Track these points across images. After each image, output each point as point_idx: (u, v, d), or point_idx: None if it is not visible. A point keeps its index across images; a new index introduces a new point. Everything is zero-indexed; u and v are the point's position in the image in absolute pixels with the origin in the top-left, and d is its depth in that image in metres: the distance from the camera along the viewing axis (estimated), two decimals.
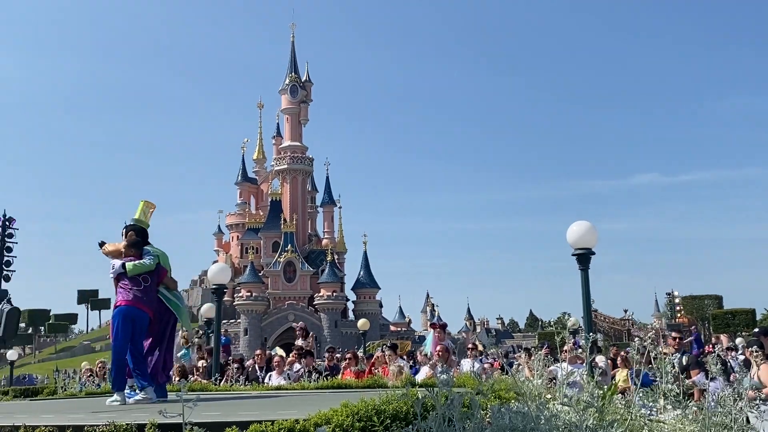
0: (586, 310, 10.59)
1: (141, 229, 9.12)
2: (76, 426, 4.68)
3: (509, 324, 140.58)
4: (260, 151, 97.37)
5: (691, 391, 8.19)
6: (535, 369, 5.21)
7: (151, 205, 9.47)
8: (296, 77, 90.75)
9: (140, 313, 8.56)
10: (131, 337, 8.48)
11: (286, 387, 11.25)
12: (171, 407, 4.03)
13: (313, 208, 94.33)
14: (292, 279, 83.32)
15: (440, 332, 15.15)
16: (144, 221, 9.30)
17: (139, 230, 9.08)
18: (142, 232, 9.10)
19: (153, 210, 9.51)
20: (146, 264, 8.70)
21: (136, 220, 9.22)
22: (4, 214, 31.05)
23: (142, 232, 9.12)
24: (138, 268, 8.64)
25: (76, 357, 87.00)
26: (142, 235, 9.06)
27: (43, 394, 12.69)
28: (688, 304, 67.83)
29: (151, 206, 9.47)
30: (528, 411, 3.62)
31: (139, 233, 9.05)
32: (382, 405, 4.47)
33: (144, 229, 9.18)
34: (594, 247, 10.62)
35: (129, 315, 8.50)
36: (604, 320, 66.90)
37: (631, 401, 4.36)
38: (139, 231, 9.07)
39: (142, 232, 9.11)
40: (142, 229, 9.16)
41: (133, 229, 9.08)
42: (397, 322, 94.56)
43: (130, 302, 8.52)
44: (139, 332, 8.63)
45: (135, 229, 9.08)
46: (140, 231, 9.08)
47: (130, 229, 9.07)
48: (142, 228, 9.18)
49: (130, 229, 9.07)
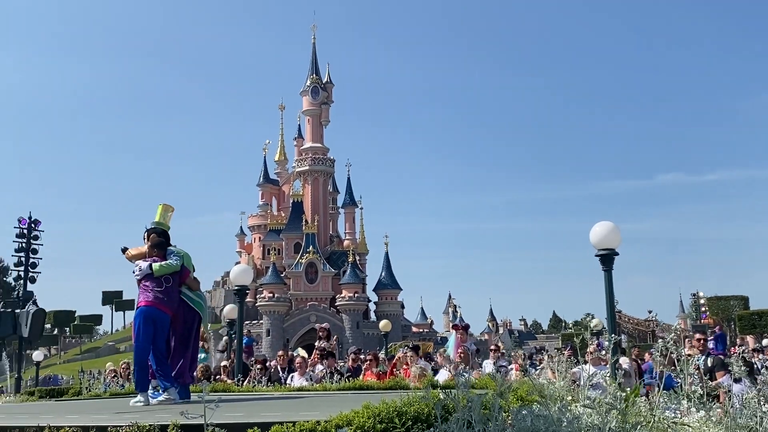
0: (610, 311, 10.50)
1: (163, 231, 9.19)
2: (100, 426, 4.71)
3: (532, 325, 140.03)
4: (282, 153, 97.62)
5: (716, 393, 8.09)
6: (557, 371, 5.18)
7: (169, 207, 9.53)
8: (317, 79, 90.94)
9: (161, 314, 8.61)
10: (153, 338, 8.53)
11: (308, 388, 11.27)
12: (193, 408, 4.05)
13: (335, 209, 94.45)
14: (313, 280, 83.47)
15: (462, 334, 15.10)
16: (164, 224, 9.36)
17: (161, 232, 9.15)
18: (164, 233, 9.18)
19: (172, 212, 9.58)
20: (172, 264, 8.76)
21: (157, 223, 9.28)
22: (30, 216, 31.36)
23: (164, 233, 9.19)
24: (164, 268, 8.70)
25: (101, 358, 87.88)
26: (164, 237, 9.13)
27: (68, 394, 12.79)
28: (714, 305, 67.02)
29: (169, 209, 9.53)
30: (550, 413, 3.60)
31: (161, 235, 9.12)
32: (403, 407, 4.46)
33: (164, 232, 9.24)
34: (617, 248, 10.53)
35: (150, 316, 8.56)
36: (628, 321, 66.39)
37: (654, 403, 4.32)
38: (161, 233, 9.14)
39: (164, 234, 9.18)
40: (164, 230, 9.23)
41: (154, 231, 9.15)
42: (419, 323, 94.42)
43: (151, 303, 8.57)
44: (161, 333, 8.66)
45: (156, 231, 9.15)
46: (162, 233, 9.16)
47: (152, 232, 9.15)
48: (164, 230, 9.25)
49: (152, 232, 9.15)
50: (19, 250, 31.09)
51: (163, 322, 8.66)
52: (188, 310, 8.96)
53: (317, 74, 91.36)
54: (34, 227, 31.29)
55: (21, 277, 31.47)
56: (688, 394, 4.46)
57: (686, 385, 4.61)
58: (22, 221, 31.18)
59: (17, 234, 31.06)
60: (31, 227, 31.22)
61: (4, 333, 26.18)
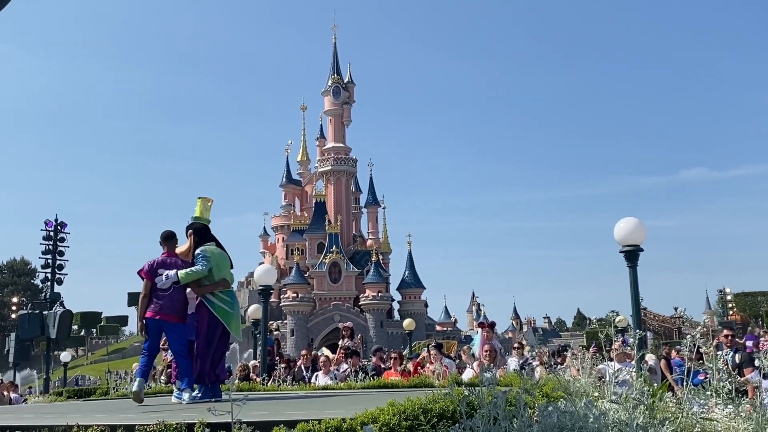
0: (635, 307, 10.42)
1: (200, 228, 9.01)
2: (127, 425, 4.74)
3: (556, 323, 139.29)
4: (304, 153, 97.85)
5: (744, 388, 8.00)
6: (581, 368, 5.15)
7: (208, 200, 9.30)
8: (339, 79, 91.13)
9: (165, 323, 8.52)
10: (167, 346, 8.46)
11: (333, 387, 11.28)
12: (221, 406, 4.07)
13: (358, 209, 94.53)
14: (337, 280, 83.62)
15: (488, 331, 15.03)
16: (204, 217, 9.17)
17: (198, 229, 8.97)
18: (201, 230, 8.98)
19: (211, 203, 9.33)
20: (198, 271, 8.53)
21: (196, 218, 9.11)
22: (56, 219, 31.70)
23: (202, 230, 8.99)
24: (190, 276, 8.51)
25: (128, 359, 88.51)
26: (200, 235, 8.93)
27: (95, 394, 12.91)
28: (741, 301, 66.35)
29: (208, 201, 9.29)
30: (576, 409, 3.57)
31: (198, 232, 8.94)
32: (428, 404, 4.46)
33: (204, 226, 9.05)
34: (642, 244, 10.45)
35: (153, 329, 8.55)
36: (653, 318, 65.80)
37: (682, 399, 4.27)
38: (198, 230, 8.96)
39: (202, 231, 8.99)
40: (203, 227, 9.04)
41: (191, 228, 8.99)
42: (443, 321, 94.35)
43: (155, 314, 8.50)
44: (173, 339, 8.59)
45: (194, 228, 8.97)
46: (199, 230, 8.97)
47: (189, 229, 9.01)
48: (203, 226, 9.05)
49: (189, 229, 9.01)
50: (46, 252, 31.43)
51: (172, 329, 8.57)
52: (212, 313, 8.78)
53: (338, 74, 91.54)
54: (61, 229, 31.61)
55: (48, 279, 31.78)
56: (716, 390, 4.41)
57: (714, 381, 4.56)
58: (48, 224, 31.53)
59: (44, 236, 31.40)
60: (58, 229, 31.54)
61: (32, 334, 26.53)
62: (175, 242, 8.94)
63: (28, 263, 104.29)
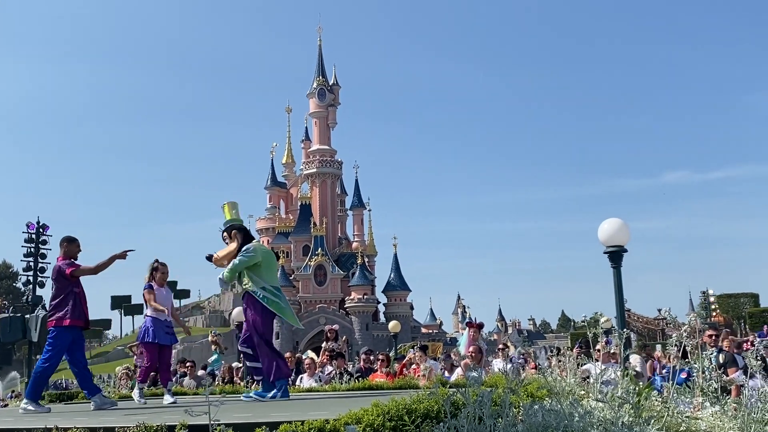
0: (619, 308, 10.44)
1: (244, 228, 8.98)
2: (107, 428, 4.68)
3: (541, 325, 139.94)
4: (289, 155, 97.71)
5: (728, 388, 8.02)
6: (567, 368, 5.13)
7: (234, 204, 9.22)
8: (324, 81, 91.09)
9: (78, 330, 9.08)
10: None
11: (317, 389, 11.23)
12: (199, 408, 4.00)
13: (343, 212, 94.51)
14: (322, 282, 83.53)
15: (476, 331, 15.02)
16: (239, 219, 9.13)
17: (243, 228, 8.94)
18: (245, 230, 8.95)
19: (236, 205, 9.23)
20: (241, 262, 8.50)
21: (232, 220, 9.02)
22: (38, 221, 31.48)
23: (245, 230, 8.96)
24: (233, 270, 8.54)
25: (111, 362, 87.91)
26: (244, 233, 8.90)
27: (77, 398, 12.78)
28: (724, 303, 66.73)
29: (234, 205, 9.20)
30: (561, 408, 3.54)
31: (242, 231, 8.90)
32: (413, 404, 4.42)
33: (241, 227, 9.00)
34: (626, 245, 10.47)
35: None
36: (637, 320, 66.12)
37: (667, 398, 4.26)
38: (242, 229, 8.92)
39: (245, 230, 8.95)
40: (244, 227, 9.00)
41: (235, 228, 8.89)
42: (429, 324, 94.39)
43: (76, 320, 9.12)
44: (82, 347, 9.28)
45: (238, 227, 8.90)
46: (243, 229, 8.94)
47: (232, 229, 8.91)
48: (243, 226, 9.03)
49: (232, 229, 8.91)
50: (28, 255, 31.23)
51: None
52: (266, 308, 8.59)
53: (324, 76, 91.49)
54: (43, 232, 31.39)
55: (30, 282, 31.58)
56: (702, 389, 4.40)
57: (699, 380, 4.55)
58: (30, 226, 31.31)
59: (26, 239, 31.19)
60: (40, 232, 31.32)
61: (13, 338, 26.32)
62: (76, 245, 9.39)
63: (9, 266, 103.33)
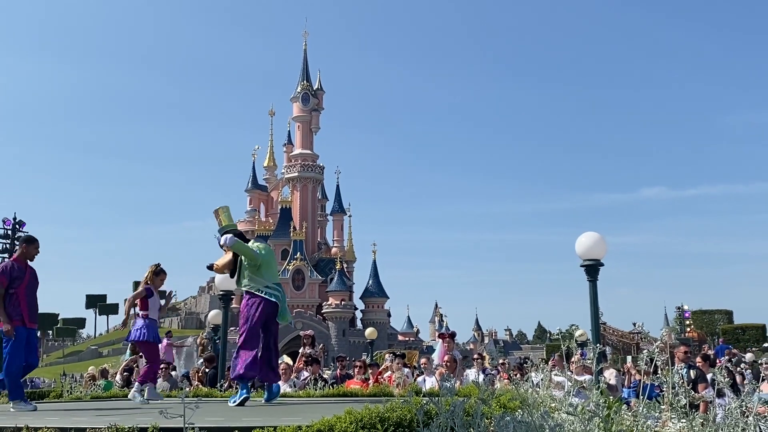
0: (594, 321, 10.52)
1: (239, 233, 8.99)
2: (79, 428, 4.67)
3: (517, 335, 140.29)
4: (271, 159, 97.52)
5: (697, 404, 8.11)
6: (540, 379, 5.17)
7: (226, 209, 9.23)
8: (308, 85, 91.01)
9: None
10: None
11: (291, 394, 11.19)
12: (174, 410, 4.00)
13: (323, 217, 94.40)
14: (300, 287, 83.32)
15: (449, 342, 15.05)
16: (233, 224, 9.16)
17: (239, 233, 8.96)
18: (241, 235, 8.96)
19: (228, 210, 9.27)
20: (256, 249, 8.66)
21: (227, 226, 9.02)
22: (14, 218, 31.23)
23: (241, 235, 8.97)
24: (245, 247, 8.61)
25: (84, 361, 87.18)
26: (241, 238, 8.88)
27: (49, 397, 12.67)
28: (698, 319, 67.34)
29: (224, 209, 9.20)
30: (532, 420, 3.58)
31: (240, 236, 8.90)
32: (386, 412, 4.44)
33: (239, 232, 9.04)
34: (602, 258, 10.56)
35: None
36: (612, 333, 66.50)
37: (637, 412, 4.31)
38: (239, 234, 8.93)
39: (241, 235, 8.96)
40: (239, 232, 9.02)
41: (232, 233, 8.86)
42: (405, 331, 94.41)
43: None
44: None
45: (236, 232, 8.91)
46: (240, 234, 8.95)
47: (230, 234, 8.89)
48: (239, 231, 9.06)
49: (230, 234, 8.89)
50: (3, 251, 30.96)
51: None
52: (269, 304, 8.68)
53: (308, 81, 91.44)
54: (19, 228, 31.14)
55: None
56: (671, 403, 4.45)
57: (669, 395, 4.60)
58: (6, 222, 31.06)
59: (1, 235, 30.92)
60: (16, 228, 31.07)
61: None
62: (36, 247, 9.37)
63: None
